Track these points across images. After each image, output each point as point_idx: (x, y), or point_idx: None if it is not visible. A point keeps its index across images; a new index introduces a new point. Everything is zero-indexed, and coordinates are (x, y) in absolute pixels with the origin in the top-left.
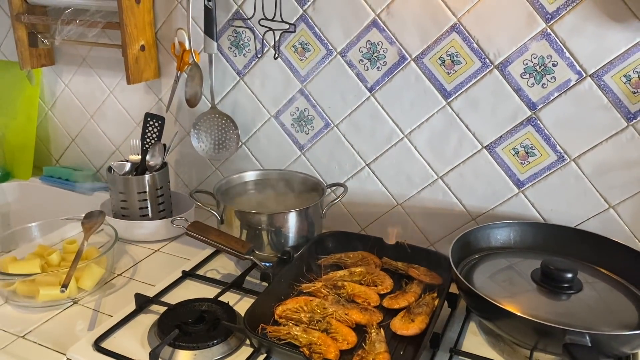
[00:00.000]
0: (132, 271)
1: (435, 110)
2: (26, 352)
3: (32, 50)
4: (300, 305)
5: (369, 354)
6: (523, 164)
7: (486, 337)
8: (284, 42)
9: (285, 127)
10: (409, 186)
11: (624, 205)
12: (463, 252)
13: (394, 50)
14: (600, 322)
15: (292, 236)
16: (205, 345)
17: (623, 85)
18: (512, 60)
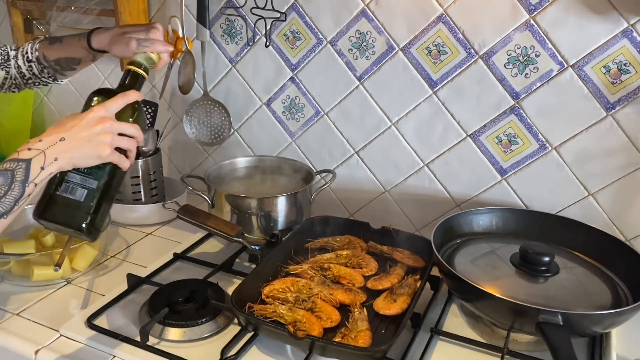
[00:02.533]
0: (125, 253)
1: (422, 99)
2: (21, 328)
3: (28, 36)
4: (286, 286)
5: (352, 332)
6: (506, 152)
7: (466, 319)
8: (275, 30)
9: (276, 115)
10: (397, 173)
11: (603, 193)
12: (446, 237)
13: (383, 40)
14: (575, 304)
15: (280, 220)
16: (194, 323)
17: (603, 76)
18: (496, 50)
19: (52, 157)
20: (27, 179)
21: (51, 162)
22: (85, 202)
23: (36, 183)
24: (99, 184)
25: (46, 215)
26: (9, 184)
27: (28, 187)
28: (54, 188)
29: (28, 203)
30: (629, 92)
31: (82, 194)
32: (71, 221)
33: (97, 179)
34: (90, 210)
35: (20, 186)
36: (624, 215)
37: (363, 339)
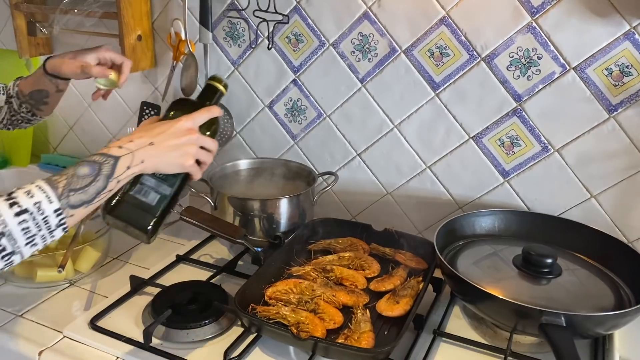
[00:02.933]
0: (128, 255)
1: (424, 102)
2: (24, 329)
3: (31, 39)
4: (289, 287)
5: (355, 333)
6: (508, 154)
7: (469, 320)
8: (278, 33)
9: (278, 117)
10: (399, 175)
11: (605, 195)
12: (448, 239)
13: (385, 42)
14: (578, 305)
15: (283, 222)
16: (198, 324)
17: (605, 78)
18: (498, 52)
19: (140, 159)
20: (112, 175)
21: (137, 164)
22: (156, 206)
23: (119, 180)
24: (171, 190)
25: (116, 212)
26: (95, 175)
27: (111, 182)
28: (127, 188)
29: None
30: (631, 95)
31: (155, 198)
32: (139, 222)
33: (170, 186)
34: (157, 214)
35: (105, 180)
36: (626, 217)
37: (366, 340)
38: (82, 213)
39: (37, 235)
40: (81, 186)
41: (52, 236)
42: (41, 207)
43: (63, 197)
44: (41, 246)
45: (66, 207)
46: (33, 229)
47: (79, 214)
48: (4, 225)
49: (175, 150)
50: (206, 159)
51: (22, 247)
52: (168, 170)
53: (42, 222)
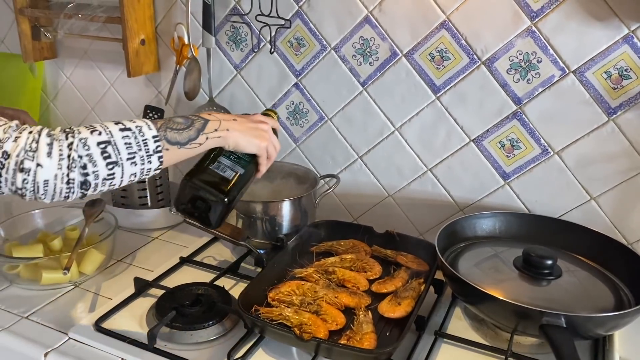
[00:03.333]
0: (132, 257)
1: (425, 105)
2: (30, 331)
3: (35, 43)
4: (292, 289)
5: (357, 334)
6: (509, 156)
7: (470, 322)
8: (280, 37)
9: (280, 120)
10: (400, 178)
11: (605, 197)
12: (449, 241)
13: (386, 46)
14: (578, 306)
15: (285, 224)
16: (201, 326)
17: (604, 82)
18: (498, 56)
19: (225, 127)
20: (202, 130)
21: (224, 129)
22: (231, 181)
23: (208, 137)
24: (243, 173)
25: (196, 178)
26: (188, 125)
27: (201, 136)
28: (207, 163)
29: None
30: (630, 97)
31: (231, 174)
32: (215, 190)
33: (243, 168)
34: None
35: (196, 132)
36: (626, 219)
37: (368, 341)
38: (177, 153)
39: (137, 154)
40: (176, 128)
41: (149, 161)
42: (142, 130)
43: (161, 130)
44: (139, 170)
45: (163, 138)
46: (134, 146)
47: (174, 152)
48: (110, 135)
49: (254, 130)
50: (273, 151)
51: (124, 160)
52: (247, 146)
53: (142, 143)
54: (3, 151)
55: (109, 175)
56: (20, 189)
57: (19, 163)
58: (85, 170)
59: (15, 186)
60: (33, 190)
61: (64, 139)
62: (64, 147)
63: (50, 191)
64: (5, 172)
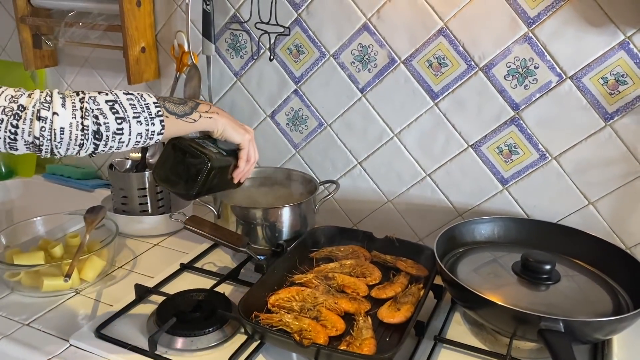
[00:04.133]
0: (132, 264)
1: (423, 111)
2: (31, 338)
3: (36, 51)
4: (292, 295)
5: (356, 340)
6: (507, 162)
7: (470, 327)
8: (279, 44)
9: (280, 127)
10: (399, 183)
11: (603, 202)
12: (448, 246)
13: (384, 53)
14: (576, 311)
15: (285, 230)
16: (202, 332)
17: (601, 87)
18: (496, 62)
19: (215, 111)
20: (195, 108)
21: (214, 112)
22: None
23: (201, 115)
24: (224, 155)
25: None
26: (183, 102)
27: (195, 113)
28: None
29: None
30: (626, 103)
31: (213, 149)
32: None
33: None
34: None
35: (190, 109)
36: (624, 224)
37: (368, 347)
38: (175, 124)
39: (141, 115)
40: (173, 102)
41: (153, 124)
42: (143, 96)
43: (160, 100)
44: (144, 131)
45: (162, 106)
46: (138, 107)
47: (172, 121)
48: (116, 96)
49: (240, 125)
50: (253, 153)
51: (131, 118)
52: (232, 133)
53: (145, 106)
54: (19, 104)
55: (118, 129)
56: (37, 138)
57: (36, 113)
58: (98, 121)
59: (33, 135)
60: (50, 139)
61: (75, 95)
62: (76, 100)
63: (66, 139)
64: (22, 123)
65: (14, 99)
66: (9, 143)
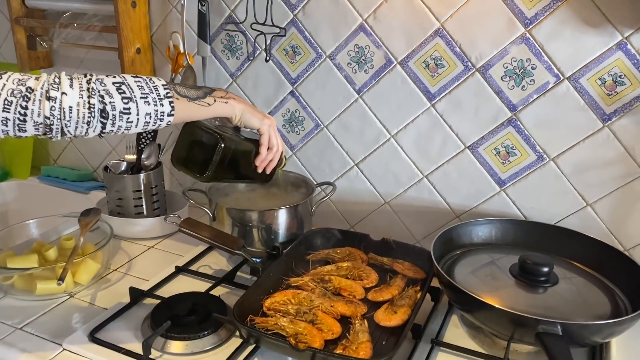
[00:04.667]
0: (127, 267)
1: (420, 112)
2: (24, 342)
3: (31, 52)
4: (288, 298)
5: (352, 344)
6: (504, 163)
7: (467, 330)
8: (275, 45)
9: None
10: (396, 185)
11: (601, 203)
12: (445, 248)
13: (381, 54)
14: (574, 314)
15: (281, 233)
16: (197, 336)
17: (598, 88)
18: (493, 63)
19: (232, 97)
20: (210, 93)
21: (230, 98)
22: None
23: (215, 100)
24: (243, 140)
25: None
26: (197, 88)
27: (208, 97)
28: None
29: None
30: (624, 104)
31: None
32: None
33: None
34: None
35: (204, 93)
36: (622, 225)
37: (364, 350)
38: (185, 106)
39: (149, 95)
40: (185, 87)
41: (162, 104)
42: (152, 79)
43: (170, 84)
44: (153, 111)
45: (172, 89)
46: (146, 89)
47: (183, 103)
48: (123, 78)
49: (259, 111)
50: (275, 140)
51: (138, 98)
52: (250, 118)
53: (153, 88)
54: (27, 87)
55: (125, 109)
56: (48, 118)
57: (45, 93)
58: (104, 100)
59: (44, 115)
60: (60, 118)
61: (82, 77)
62: (83, 81)
63: (74, 117)
64: (32, 104)
65: (21, 82)
66: (18, 125)
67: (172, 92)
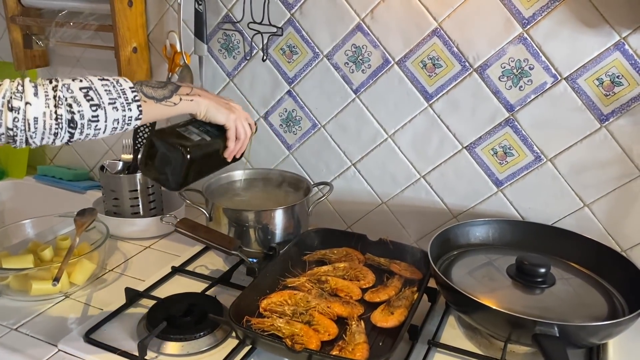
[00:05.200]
0: (123, 267)
1: (417, 112)
2: (19, 343)
3: (27, 51)
4: (284, 299)
5: (349, 345)
6: (502, 163)
7: (464, 330)
8: (272, 44)
9: (274, 128)
10: (393, 185)
11: (598, 204)
12: (442, 249)
13: (378, 54)
14: (571, 315)
15: (278, 233)
16: (192, 337)
17: (596, 88)
18: (490, 63)
19: (197, 94)
20: (176, 91)
21: (195, 94)
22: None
23: (181, 98)
24: (209, 141)
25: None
26: (162, 86)
27: (175, 96)
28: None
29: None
30: (622, 104)
31: (196, 137)
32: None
33: (210, 137)
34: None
35: (170, 92)
36: (620, 226)
37: (360, 351)
38: (153, 108)
39: (117, 100)
40: (151, 86)
41: (130, 109)
42: (119, 81)
43: (137, 85)
44: (121, 117)
45: (139, 91)
46: (114, 93)
47: (150, 105)
48: (91, 82)
49: (225, 104)
50: (242, 131)
51: (106, 104)
52: (216, 114)
53: (121, 92)
54: None
55: (93, 117)
56: (10, 129)
57: (8, 103)
58: (71, 109)
59: (6, 126)
60: (24, 129)
61: (47, 83)
62: (48, 89)
63: (40, 128)
64: None
65: None
66: None
67: (140, 95)
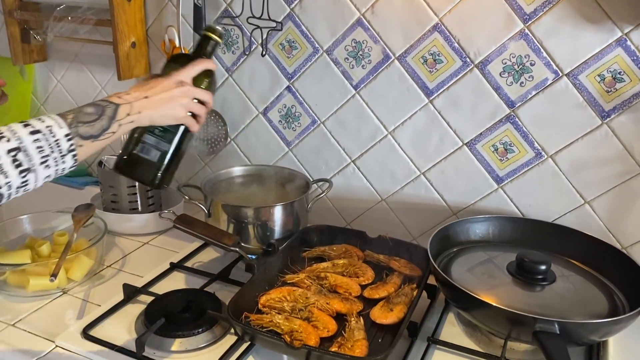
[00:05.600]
0: (121, 263)
1: (418, 108)
2: (16, 339)
3: (25, 46)
4: (283, 295)
5: (348, 341)
6: (502, 160)
7: (464, 328)
8: (272, 39)
9: (273, 124)
10: (393, 182)
11: (599, 201)
12: (442, 245)
13: (378, 49)
14: (572, 312)
15: (277, 229)
16: (191, 333)
17: (597, 85)
18: (491, 59)
19: (137, 110)
20: (114, 118)
21: (135, 113)
22: (158, 162)
23: (121, 124)
24: (169, 146)
25: (125, 170)
26: (99, 114)
27: (114, 124)
28: (131, 147)
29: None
30: (623, 101)
31: (156, 155)
32: (145, 177)
33: (169, 142)
34: (161, 168)
35: (108, 121)
36: (620, 223)
37: (360, 348)
38: (91, 147)
39: (50, 157)
40: (88, 120)
41: (63, 162)
42: (52, 130)
43: (72, 126)
44: (53, 172)
45: (75, 135)
46: (46, 149)
47: (88, 146)
48: (20, 141)
49: (168, 103)
50: (200, 111)
51: (37, 165)
52: (162, 121)
53: (54, 144)
54: None
55: (22, 183)
56: None
57: None
58: None
59: None
60: None
61: None
62: None
63: None
64: None
65: None
66: None
67: (76, 140)
